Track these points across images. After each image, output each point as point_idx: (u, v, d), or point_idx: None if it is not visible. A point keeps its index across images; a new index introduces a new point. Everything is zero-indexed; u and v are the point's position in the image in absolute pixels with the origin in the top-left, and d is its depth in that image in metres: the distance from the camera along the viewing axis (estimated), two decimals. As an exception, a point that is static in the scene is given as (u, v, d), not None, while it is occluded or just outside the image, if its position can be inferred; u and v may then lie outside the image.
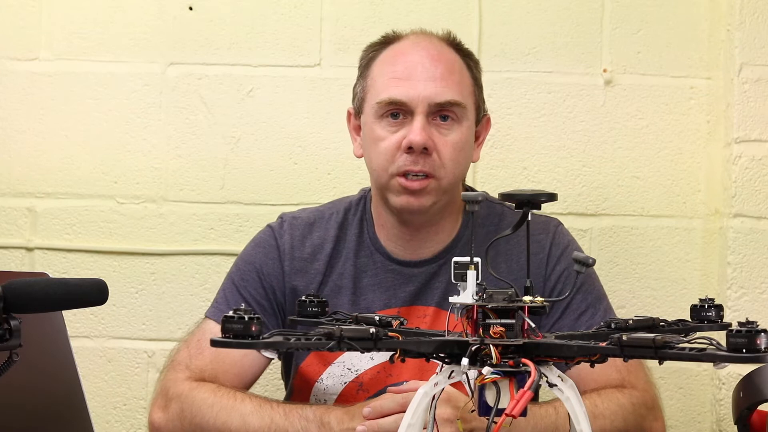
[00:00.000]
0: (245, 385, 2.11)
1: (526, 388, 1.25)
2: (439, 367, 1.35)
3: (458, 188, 2.15)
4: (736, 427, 2.02)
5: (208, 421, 1.99)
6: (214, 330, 2.09)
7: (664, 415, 2.11)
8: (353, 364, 2.11)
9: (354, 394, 2.09)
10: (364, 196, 2.22)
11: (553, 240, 2.15)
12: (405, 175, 2.05)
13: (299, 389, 2.16)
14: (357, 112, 2.16)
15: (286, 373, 2.23)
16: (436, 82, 2.06)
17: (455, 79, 2.09)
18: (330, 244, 2.16)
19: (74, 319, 2.47)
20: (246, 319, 1.24)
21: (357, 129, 2.17)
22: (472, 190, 2.23)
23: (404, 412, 1.81)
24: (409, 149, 2.03)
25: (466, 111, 2.09)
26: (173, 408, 2.04)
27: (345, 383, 2.11)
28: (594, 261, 1.38)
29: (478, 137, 2.18)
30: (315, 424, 1.92)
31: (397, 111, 2.06)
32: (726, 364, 1.19)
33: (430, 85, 2.06)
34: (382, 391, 2.06)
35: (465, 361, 1.28)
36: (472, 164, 2.50)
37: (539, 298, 1.34)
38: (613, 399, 2.01)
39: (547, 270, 2.12)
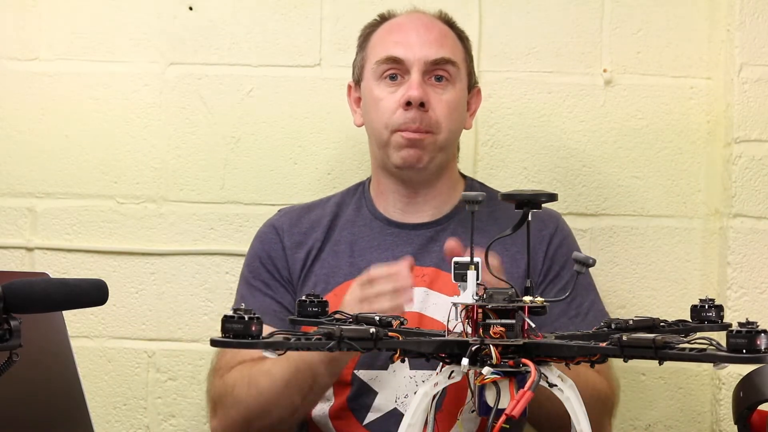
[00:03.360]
0: None
1: (526, 388, 1.25)
2: (439, 367, 1.35)
3: (453, 151, 2.26)
4: (736, 427, 2.02)
5: (246, 398, 2.05)
6: None
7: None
8: None
9: None
10: (362, 183, 2.32)
11: (558, 225, 2.26)
12: (404, 131, 2.16)
13: None
14: (357, 82, 2.28)
15: None
16: (431, 43, 2.20)
17: (448, 43, 2.23)
18: (328, 218, 2.26)
19: (74, 319, 2.47)
20: (246, 319, 1.24)
21: (357, 101, 2.29)
22: (471, 179, 2.32)
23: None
24: (408, 105, 2.15)
25: (459, 72, 2.22)
26: (220, 410, 2.11)
27: None
28: (594, 261, 1.38)
29: (470, 107, 2.29)
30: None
31: (395, 72, 2.19)
32: (726, 364, 1.19)
33: (425, 46, 2.19)
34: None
35: (465, 361, 1.28)
36: (472, 164, 2.52)
37: (539, 299, 1.34)
38: (592, 380, 2.03)
39: (550, 248, 2.22)
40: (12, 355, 1.33)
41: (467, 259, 1.36)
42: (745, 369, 2.01)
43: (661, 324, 1.43)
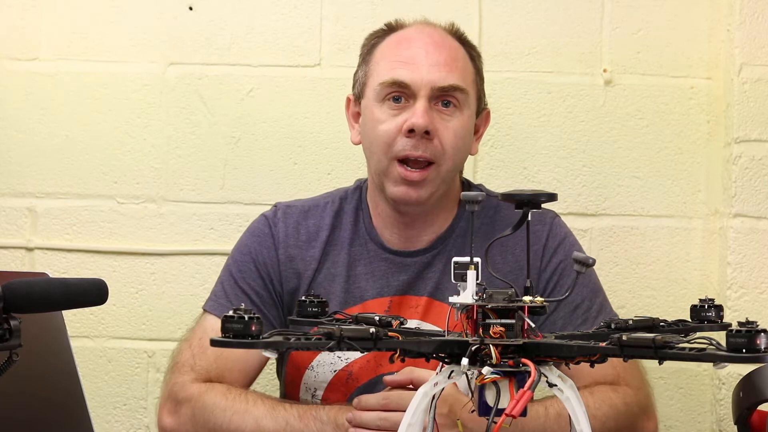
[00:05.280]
0: (250, 380, 2.12)
1: (526, 388, 1.25)
2: (439, 367, 1.35)
3: (456, 178, 2.16)
4: (736, 427, 2.02)
5: (221, 426, 1.99)
6: (215, 326, 2.08)
7: (656, 415, 2.12)
8: (344, 351, 2.11)
9: (344, 382, 2.10)
10: (360, 186, 2.22)
11: (550, 231, 2.15)
12: (404, 161, 2.05)
13: (291, 377, 2.16)
14: (357, 97, 2.16)
15: (279, 363, 2.24)
16: (440, 67, 2.07)
17: (458, 66, 2.09)
18: (326, 232, 2.16)
19: (74, 319, 2.47)
20: (246, 319, 1.24)
21: (356, 116, 2.17)
22: (472, 184, 2.25)
23: (384, 410, 1.85)
24: (411, 132, 2.03)
25: (468, 98, 2.09)
26: (184, 412, 2.04)
27: (335, 371, 2.11)
28: (594, 261, 1.38)
29: (477, 131, 2.18)
30: (330, 426, 1.93)
31: (399, 95, 2.06)
32: (726, 364, 1.19)
33: (433, 69, 2.06)
34: (372, 381, 2.08)
35: (465, 361, 1.28)
36: (472, 164, 2.52)
37: (539, 298, 1.34)
38: (605, 399, 2.01)
39: (543, 262, 2.13)
40: (12, 355, 1.33)
41: (467, 258, 1.35)
42: (745, 369, 2.01)
43: (661, 324, 1.43)
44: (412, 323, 2.05)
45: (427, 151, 2.04)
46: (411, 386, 1.88)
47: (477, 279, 1.35)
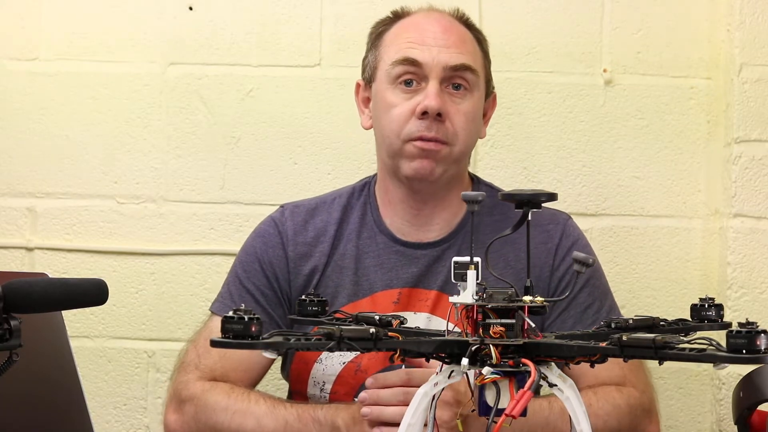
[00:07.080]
0: (254, 381, 2.13)
1: (526, 388, 1.25)
2: (439, 367, 1.35)
3: (466, 162, 2.18)
4: (736, 427, 2.02)
5: (223, 424, 2.01)
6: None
7: (659, 419, 2.12)
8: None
9: (352, 374, 2.10)
10: (368, 182, 2.24)
11: (564, 231, 2.16)
12: (418, 139, 2.07)
13: (298, 372, 2.16)
14: (367, 82, 2.18)
15: (283, 361, 2.24)
16: (450, 48, 2.10)
17: (468, 48, 2.13)
18: (333, 227, 2.17)
19: (74, 319, 2.47)
20: (246, 319, 1.24)
21: (366, 101, 2.19)
22: (481, 181, 2.26)
23: (406, 387, 1.83)
24: (424, 114, 2.06)
25: (478, 80, 2.12)
26: (188, 410, 2.06)
27: (344, 363, 2.11)
28: (594, 261, 1.38)
29: (485, 114, 2.20)
30: (328, 427, 1.94)
31: (410, 78, 2.09)
32: (726, 364, 1.19)
33: (444, 50, 2.09)
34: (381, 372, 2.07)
35: (465, 361, 1.28)
36: (472, 164, 2.52)
37: (539, 298, 1.34)
38: (609, 399, 2.01)
39: (556, 260, 2.13)
40: (12, 355, 1.33)
41: (467, 258, 1.35)
42: (745, 369, 2.01)
43: (661, 324, 1.43)
44: (421, 316, 2.09)
45: (439, 133, 2.07)
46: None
47: (478, 279, 1.34)
